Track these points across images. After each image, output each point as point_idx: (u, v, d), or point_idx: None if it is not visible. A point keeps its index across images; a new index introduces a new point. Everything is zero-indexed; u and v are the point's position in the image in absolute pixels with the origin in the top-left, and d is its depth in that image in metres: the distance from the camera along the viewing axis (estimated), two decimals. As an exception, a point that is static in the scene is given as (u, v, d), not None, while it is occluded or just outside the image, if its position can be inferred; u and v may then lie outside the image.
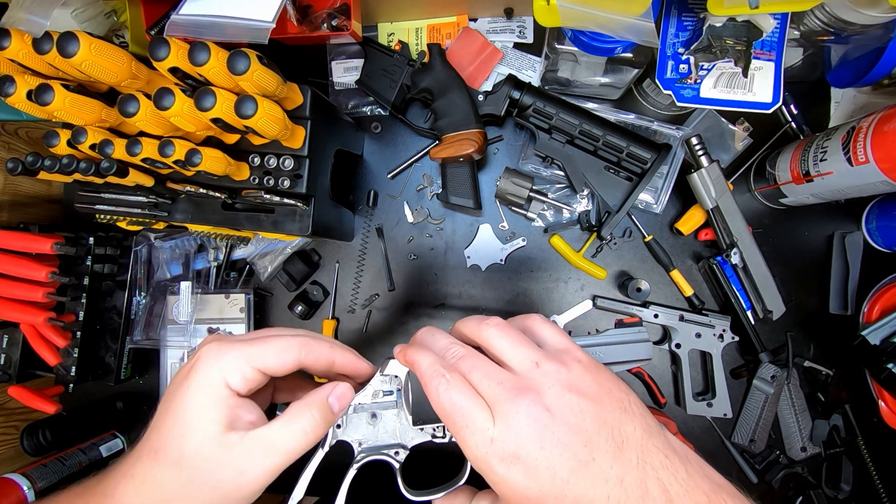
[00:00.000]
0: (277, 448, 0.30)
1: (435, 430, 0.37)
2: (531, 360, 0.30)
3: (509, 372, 0.30)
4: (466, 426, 0.28)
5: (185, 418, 0.30)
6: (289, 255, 0.72)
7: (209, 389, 0.30)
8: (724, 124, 0.67)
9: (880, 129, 0.50)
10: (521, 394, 0.28)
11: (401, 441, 0.37)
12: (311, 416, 0.31)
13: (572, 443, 0.27)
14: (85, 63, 0.42)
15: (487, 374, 0.29)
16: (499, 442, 0.27)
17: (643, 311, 0.66)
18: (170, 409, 0.31)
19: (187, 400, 0.30)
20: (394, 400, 0.37)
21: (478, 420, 0.28)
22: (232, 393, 0.31)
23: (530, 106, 0.62)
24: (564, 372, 0.29)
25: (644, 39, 0.44)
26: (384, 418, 0.37)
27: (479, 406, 0.28)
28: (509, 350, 0.31)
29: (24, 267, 0.63)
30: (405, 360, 0.33)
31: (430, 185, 0.72)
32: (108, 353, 0.72)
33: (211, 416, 0.30)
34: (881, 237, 0.64)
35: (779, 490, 0.66)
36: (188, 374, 0.31)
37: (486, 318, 0.33)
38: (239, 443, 0.30)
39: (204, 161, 0.48)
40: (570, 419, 0.27)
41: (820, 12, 0.50)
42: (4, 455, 0.70)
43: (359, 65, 0.69)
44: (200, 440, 0.29)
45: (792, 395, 0.65)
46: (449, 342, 0.33)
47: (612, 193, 0.64)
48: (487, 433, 0.27)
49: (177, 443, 0.30)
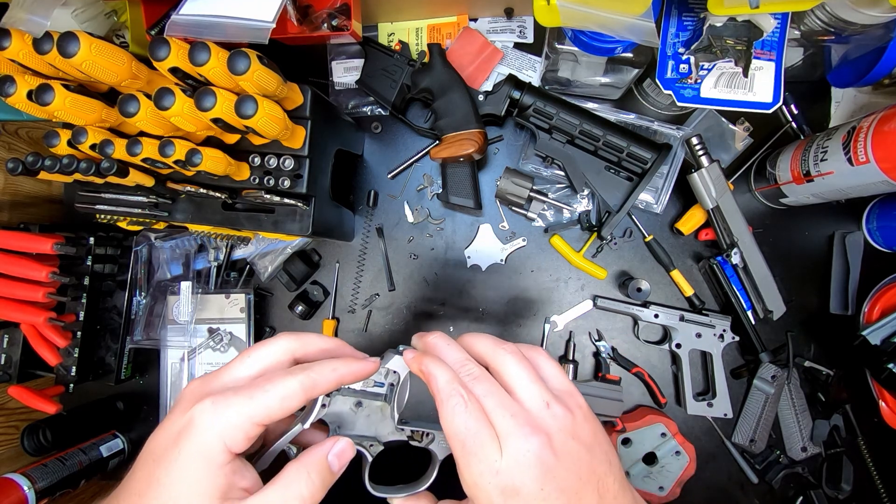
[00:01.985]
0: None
1: (413, 433, 0.37)
2: (543, 400, 0.30)
3: (520, 405, 0.30)
4: (475, 454, 0.28)
5: (173, 490, 0.26)
6: (289, 255, 0.72)
7: (204, 458, 0.27)
8: (724, 124, 0.67)
9: (881, 128, 0.49)
10: (533, 433, 0.28)
11: (377, 435, 0.36)
12: (310, 480, 0.29)
13: (569, 488, 0.28)
14: (85, 63, 0.42)
15: (502, 404, 0.30)
16: (503, 475, 0.28)
17: (643, 310, 0.66)
18: (154, 478, 0.27)
19: (177, 469, 0.27)
20: (383, 392, 0.36)
21: (487, 450, 0.28)
22: (230, 457, 0.27)
23: (530, 106, 0.62)
24: (570, 418, 0.30)
25: (644, 39, 0.44)
26: (368, 408, 0.36)
27: (490, 436, 0.29)
28: (524, 385, 0.31)
29: (24, 267, 0.63)
30: (419, 368, 0.32)
31: (430, 185, 0.72)
32: (108, 353, 0.72)
33: (203, 488, 0.26)
34: (882, 237, 0.64)
35: (779, 490, 0.66)
36: (178, 439, 0.27)
37: (502, 343, 0.33)
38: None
39: (204, 161, 0.48)
40: (570, 465, 0.29)
41: (820, 12, 0.50)
42: (5, 455, 0.70)
43: (359, 65, 0.69)
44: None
45: (792, 395, 0.65)
46: (463, 358, 0.33)
47: (612, 193, 0.64)
48: (494, 465, 0.28)
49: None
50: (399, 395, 0.36)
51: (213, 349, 0.71)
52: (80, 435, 0.71)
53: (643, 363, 0.69)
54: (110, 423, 0.75)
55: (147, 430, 0.76)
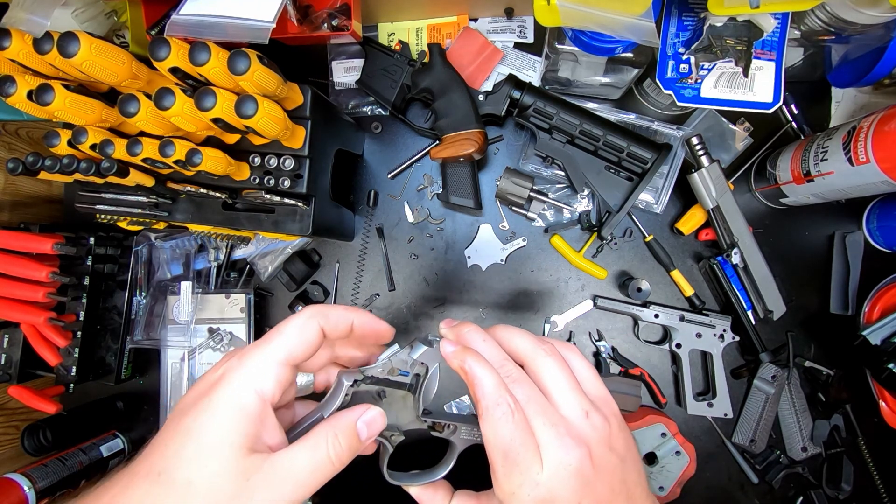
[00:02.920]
0: (297, 479, 0.27)
1: (436, 424, 0.36)
2: (582, 409, 0.30)
3: (559, 414, 0.30)
4: (516, 464, 0.28)
5: (202, 440, 0.26)
6: (289, 255, 0.72)
7: (234, 406, 0.27)
8: (724, 124, 0.67)
9: (881, 128, 0.49)
10: (575, 445, 0.28)
11: (397, 424, 0.35)
12: (337, 443, 0.28)
13: (603, 500, 0.28)
14: (85, 63, 0.42)
15: (543, 412, 0.29)
16: (543, 487, 0.27)
17: (644, 310, 0.66)
18: (181, 428, 0.27)
19: (206, 418, 0.27)
20: (407, 382, 0.35)
21: (529, 461, 0.28)
22: (261, 406, 0.27)
23: (531, 106, 0.62)
24: (607, 429, 0.30)
25: (645, 39, 0.44)
26: (390, 397, 0.35)
27: (533, 447, 0.28)
28: (564, 392, 0.30)
29: (24, 267, 0.63)
30: (461, 365, 0.31)
31: (430, 185, 0.72)
32: (108, 353, 0.72)
33: (231, 438, 0.26)
34: (882, 237, 0.64)
35: (779, 490, 0.66)
36: (210, 389, 0.28)
37: (541, 343, 0.33)
38: (258, 470, 0.26)
39: (204, 161, 0.48)
40: (606, 477, 0.29)
41: (821, 12, 0.50)
42: (5, 455, 0.70)
43: (359, 65, 0.69)
44: (216, 467, 0.26)
45: (792, 395, 0.65)
46: (502, 358, 0.32)
47: (612, 193, 0.64)
48: (535, 476, 0.28)
49: (186, 467, 0.26)
50: (427, 387, 0.35)
51: (214, 349, 0.71)
52: (80, 435, 0.71)
53: (643, 363, 0.69)
54: (110, 423, 0.75)
55: (147, 430, 0.76)
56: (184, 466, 0.26)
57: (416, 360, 0.35)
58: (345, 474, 0.30)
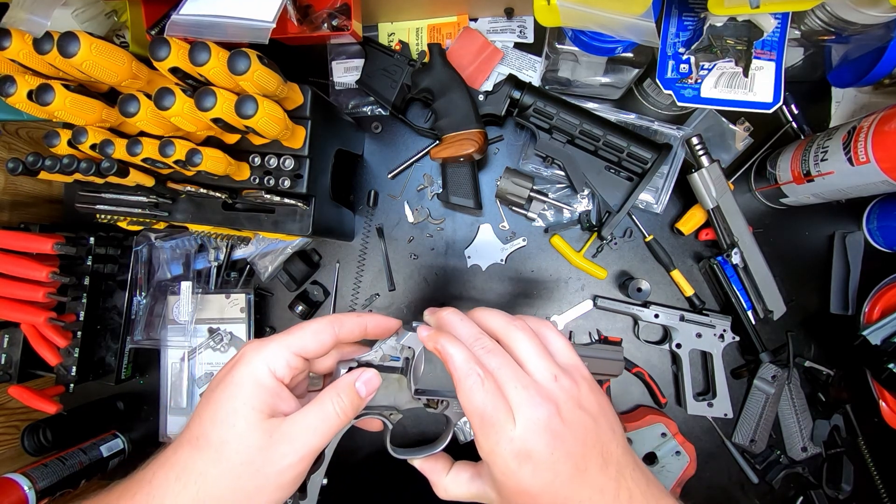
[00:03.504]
0: (310, 431, 0.32)
1: (429, 401, 0.39)
2: (551, 373, 0.33)
3: (530, 378, 0.33)
4: (492, 426, 0.31)
5: (229, 406, 0.31)
6: (289, 255, 0.72)
7: (253, 379, 0.32)
8: (724, 124, 0.67)
9: (881, 128, 0.49)
10: (543, 402, 0.31)
11: (395, 404, 0.39)
12: (340, 400, 0.34)
13: (575, 453, 0.31)
14: (85, 63, 0.42)
15: (514, 377, 0.32)
16: (517, 441, 0.30)
17: (644, 310, 0.66)
18: (212, 399, 0.32)
19: (231, 389, 0.32)
20: (399, 366, 0.39)
21: (502, 421, 0.31)
22: (275, 381, 0.33)
23: (531, 106, 0.62)
24: (576, 389, 0.33)
25: (645, 39, 0.44)
26: (386, 381, 0.38)
27: (505, 408, 0.31)
28: (534, 359, 0.34)
29: (24, 267, 0.63)
30: (434, 346, 0.34)
31: (430, 185, 0.72)
32: (108, 353, 0.72)
33: (253, 403, 0.31)
34: (882, 237, 0.64)
35: (779, 490, 0.66)
36: (232, 367, 0.33)
37: (513, 319, 0.36)
38: (277, 428, 0.31)
39: (204, 161, 0.48)
40: (577, 432, 0.31)
41: (821, 12, 0.50)
42: (5, 455, 0.70)
43: (359, 65, 0.69)
44: (244, 426, 0.31)
45: (793, 395, 0.65)
46: (477, 332, 0.35)
47: (612, 193, 0.64)
48: (509, 433, 0.31)
49: (219, 429, 0.31)
50: (415, 368, 0.38)
51: (214, 349, 0.71)
52: (80, 435, 0.71)
53: (643, 363, 0.69)
54: (110, 422, 0.75)
55: (147, 429, 0.76)
56: (217, 429, 0.31)
57: (403, 345, 0.39)
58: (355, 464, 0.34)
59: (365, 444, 0.72)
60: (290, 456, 0.31)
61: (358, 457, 0.72)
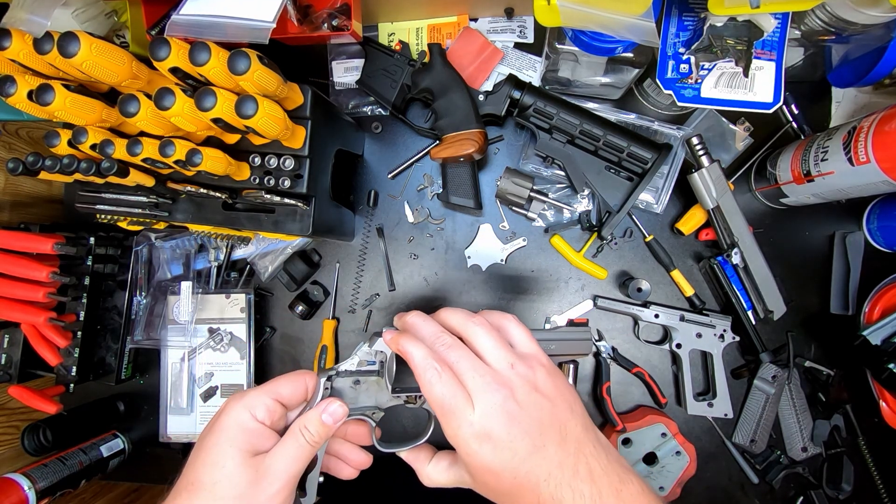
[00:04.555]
0: (290, 459, 0.36)
1: (408, 398, 0.43)
2: (507, 361, 0.36)
3: (488, 366, 0.36)
4: (452, 413, 0.34)
5: (217, 450, 0.35)
6: (289, 255, 0.72)
7: (236, 423, 0.36)
8: (724, 124, 0.66)
9: (881, 128, 0.49)
10: (499, 388, 0.34)
11: (377, 404, 0.43)
12: (307, 432, 0.37)
13: (532, 431, 0.33)
14: (86, 63, 0.42)
15: (472, 367, 0.35)
16: (476, 425, 0.33)
17: (644, 310, 0.66)
18: (202, 447, 0.36)
19: (218, 435, 0.36)
20: (376, 369, 0.43)
21: (461, 407, 0.34)
22: (256, 423, 0.36)
23: (531, 106, 0.62)
24: (531, 374, 0.36)
25: (645, 39, 0.44)
26: (366, 383, 0.43)
27: (463, 396, 0.34)
28: (491, 350, 0.36)
29: (24, 267, 0.63)
30: (397, 347, 0.38)
31: (430, 185, 0.72)
32: (108, 353, 0.72)
33: (239, 445, 0.35)
34: (882, 237, 0.64)
35: (779, 490, 0.66)
36: (218, 416, 0.37)
37: (472, 316, 0.39)
38: (262, 463, 0.35)
39: (204, 161, 0.48)
40: (533, 413, 0.34)
41: (821, 12, 0.50)
42: (5, 455, 0.70)
43: (359, 65, 0.69)
44: (232, 466, 0.34)
45: (793, 396, 0.65)
46: (437, 331, 0.38)
47: (612, 193, 0.64)
48: (468, 417, 0.34)
49: (210, 472, 0.35)
50: (388, 369, 0.42)
51: (214, 349, 0.71)
52: (80, 435, 0.71)
53: (643, 363, 0.69)
54: (110, 423, 0.75)
55: (147, 429, 0.76)
56: (208, 472, 0.35)
57: (376, 349, 0.43)
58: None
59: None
60: (276, 484, 0.35)
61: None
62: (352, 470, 0.45)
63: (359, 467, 0.45)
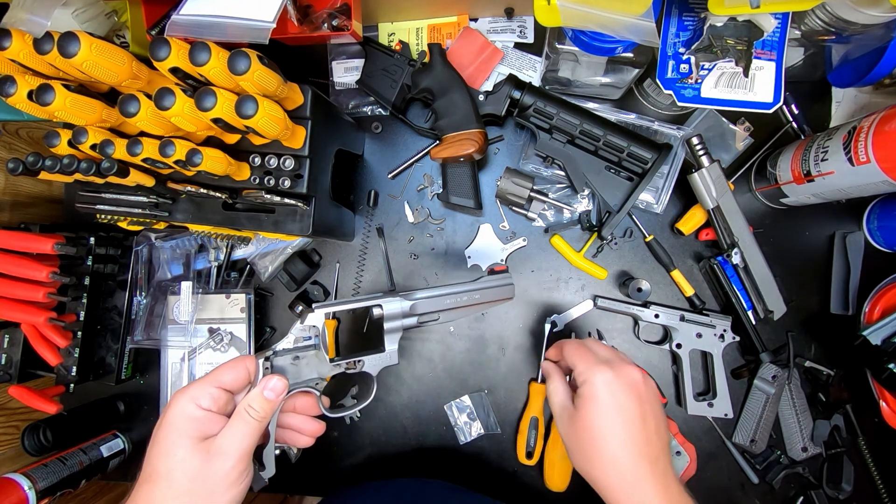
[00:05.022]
0: (238, 436, 0.39)
1: (347, 364, 0.47)
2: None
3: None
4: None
5: (168, 441, 0.38)
6: (289, 255, 0.72)
7: (182, 414, 0.39)
8: (724, 124, 0.66)
9: (881, 128, 0.49)
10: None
11: (320, 375, 0.46)
12: (253, 411, 0.40)
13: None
14: (86, 63, 0.42)
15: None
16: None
17: (644, 310, 0.66)
18: (155, 441, 0.39)
19: (166, 427, 0.39)
20: (311, 344, 0.46)
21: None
22: (201, 411, 0.39)
23: (531, 106, 0.62)
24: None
25: (645, 39, 0.44)
26: (305, 358, 0.46)
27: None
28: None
29: (24, 267, 0.63)
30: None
31: (430, 185, 0.72)
32: (108, 353, 0.72)
33: (187, 432, 0.38)
34: (882, 237, 0.64)
35: (780, 490, 0.66)
36: (165, 411, 0.40)
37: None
38: (212, 445, 0.38)
39: (204, 161, 0.48)
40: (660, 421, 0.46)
41: (821, 12, 0.50)
42: (5, 455, 0.70)
43: (359, 65, 0.69)
44: (183, 453, 0.37)
45: (793, 396, 0.65)
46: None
47: (612, 193, 0.64)
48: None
49: (164, 461, 0.38)
50: (323, 339, 0.46)
51: (214, 349, 0.71)
52: (80, 435, 0.71)
53: (643, 363, 0.69)
54: (111, 423, 0.75)
55: (147, 429, 0.76)
56: (162, 462, 0.38)
57: (307, 325, 0.46)
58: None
59: (366, 445, 0.72)
60: (228, 461, 0.38)
61: (359, 457, 0.72)
62: (307, 438, 0.47)
63: (313, 435, 0.48)
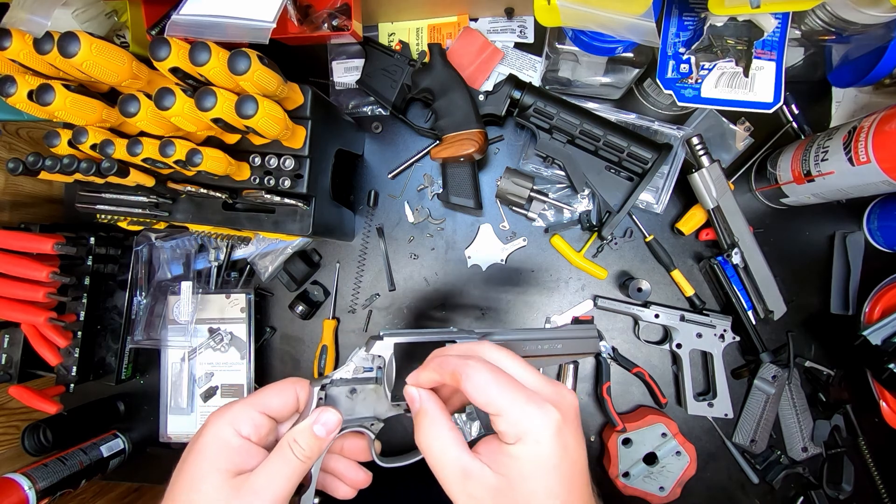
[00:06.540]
0: (277, 477, 0.33)
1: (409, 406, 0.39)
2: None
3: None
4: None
5: (195, 471, 0.33)
6: (289, 255, 0.72)
7: (217, 441, 0.33)
8: (725, 124, 0.66)
9: (881, 128, 0.49)
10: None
11: (376, 414, 0.39)
12: (298, 446, 0.34)
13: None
14: (86, 63, 0.42)
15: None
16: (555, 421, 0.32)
17: (644, 310, 0.66)
18: (183, 468, 0.33)
19: (197, 454, 0.33)
20: (373, 376, 0.39)
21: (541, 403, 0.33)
22: (240, 440, 0.33)
23: (531, 106, 0.62)
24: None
25: (645, 39, 0.44)
26: (363, 392, 0.39)
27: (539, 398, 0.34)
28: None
29: (25, 267, 0.63)
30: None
31: (430, 185, 0.72)
32: (108, 353, 0.72)
33: (218, 464, 0.32)
34: (882, 237, 0.64)
35: (780, 490, 0.66)
36: (199, 435, 0.34)
37: None
38: (244, 483, 0.32)
39: (205, 161, 0.48)
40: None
41: (821, 12, 0.50)
42: (5, 455, 0.70)
43: (359, 65, 0.69)
44: (209, 488, 0.32)
45: (793, 396, 0.65)
46: None
47: (612, 193, 0.64)
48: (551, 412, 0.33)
49: (187, 495, 0.32)
50: (388, 375, 0.38)
51: (214, 349, 0.71)
52: (80, 435, 0.71)
53: (644, 363, 0.69)
54: (111, 422, 0.75)
55: (148, 429, 0.76)
56: (185, 493, 0.32)
57: (373, 354, 0.38)
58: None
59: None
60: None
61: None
62: (348, 489, 0.40)
63: (356, 486, 0.40)
